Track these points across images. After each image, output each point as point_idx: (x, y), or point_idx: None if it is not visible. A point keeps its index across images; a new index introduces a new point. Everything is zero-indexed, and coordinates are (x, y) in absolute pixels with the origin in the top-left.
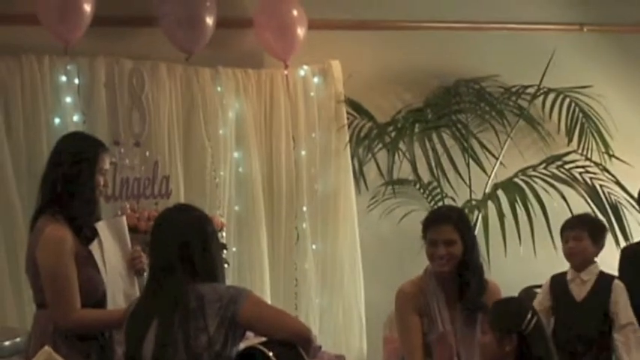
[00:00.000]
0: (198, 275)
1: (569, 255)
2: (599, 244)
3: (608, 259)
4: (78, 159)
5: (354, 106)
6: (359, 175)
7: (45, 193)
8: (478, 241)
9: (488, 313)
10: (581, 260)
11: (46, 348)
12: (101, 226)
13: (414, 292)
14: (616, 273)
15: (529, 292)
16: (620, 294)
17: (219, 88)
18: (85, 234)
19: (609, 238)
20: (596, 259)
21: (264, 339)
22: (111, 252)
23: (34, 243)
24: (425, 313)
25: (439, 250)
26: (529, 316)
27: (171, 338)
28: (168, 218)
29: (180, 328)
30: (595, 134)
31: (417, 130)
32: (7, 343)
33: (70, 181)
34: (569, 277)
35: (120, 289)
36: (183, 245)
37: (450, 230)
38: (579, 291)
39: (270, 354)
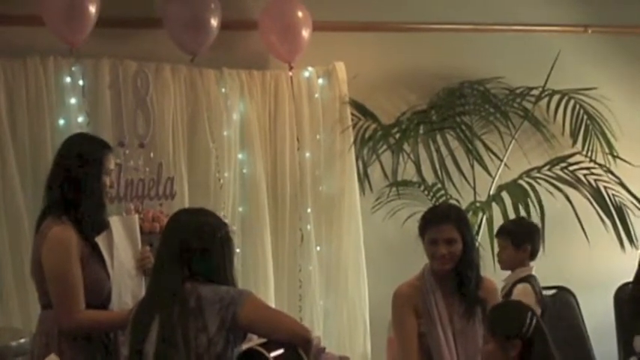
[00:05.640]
0: (199, 276)
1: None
2: (521, 249)
3: (616, 262)
4: (84, 160)
5: (359, 108)
6: (363, 177)
7: (51, 195)
8: (477, 238)
9: (486, 320)
10: (504, 267)
11: (52, 356)
12: (115, 221)
13: (411, 292)
14: (624, 274)
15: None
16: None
17: (223, 90)
18: (92, 235)
19: (614, 240)
20: (532, 263)
21: (265, 340)
22: (121, 249)
23: (40, 244)
24: (422, 312)
25: (440, 249)
26: (529, 318)
27: (172, 336)
28: (176, 220)
29: (180, 327)
30: (599, 136)
31: (421, 131)
32: (13, 343)
33: (77, 183)
34: None
35: (128, 288)
36: (183, 246)
37: (451, 229)
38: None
39: (270, 355)
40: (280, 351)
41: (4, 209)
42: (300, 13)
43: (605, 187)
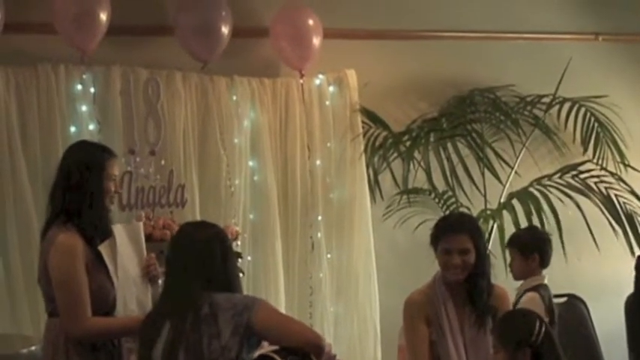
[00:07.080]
0: (213, 286)
1: None
2: (530, 259)
3: (626, 269)
4: (85, 167)
5: (370, 116)
6: (374, 185)
7: (55, 204)
8: (488, 248)
9: (495, 329)
10: (516, 277)
11: None
12: (118, 229)
13: (422, 301)
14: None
15: None
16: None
17: (234, 97)
18: (97, 242)
19: (624, 247)
20: (544, 272)
21: (277, 347)
22: (126, 256)
23: (46, 252)
24: (433, 321)
25: (454, 259)
26: (537, 326)
27: (181, 342)
28: (186, 233)
29: (192, 333)
30: (610, 144)
31: (432, 139)
32: (23, 351)
33: (79, 190)
34: None
35: (133, 295)
36: (198, 260)
37: (465, 239)
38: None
39: None
40: (292, 357)
41: (15, 216)
42: (311, 21)
43: (615, 195)
